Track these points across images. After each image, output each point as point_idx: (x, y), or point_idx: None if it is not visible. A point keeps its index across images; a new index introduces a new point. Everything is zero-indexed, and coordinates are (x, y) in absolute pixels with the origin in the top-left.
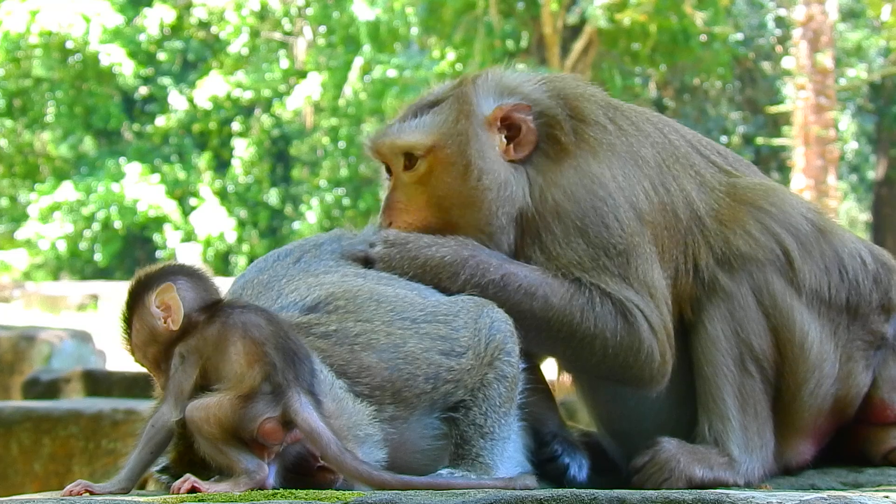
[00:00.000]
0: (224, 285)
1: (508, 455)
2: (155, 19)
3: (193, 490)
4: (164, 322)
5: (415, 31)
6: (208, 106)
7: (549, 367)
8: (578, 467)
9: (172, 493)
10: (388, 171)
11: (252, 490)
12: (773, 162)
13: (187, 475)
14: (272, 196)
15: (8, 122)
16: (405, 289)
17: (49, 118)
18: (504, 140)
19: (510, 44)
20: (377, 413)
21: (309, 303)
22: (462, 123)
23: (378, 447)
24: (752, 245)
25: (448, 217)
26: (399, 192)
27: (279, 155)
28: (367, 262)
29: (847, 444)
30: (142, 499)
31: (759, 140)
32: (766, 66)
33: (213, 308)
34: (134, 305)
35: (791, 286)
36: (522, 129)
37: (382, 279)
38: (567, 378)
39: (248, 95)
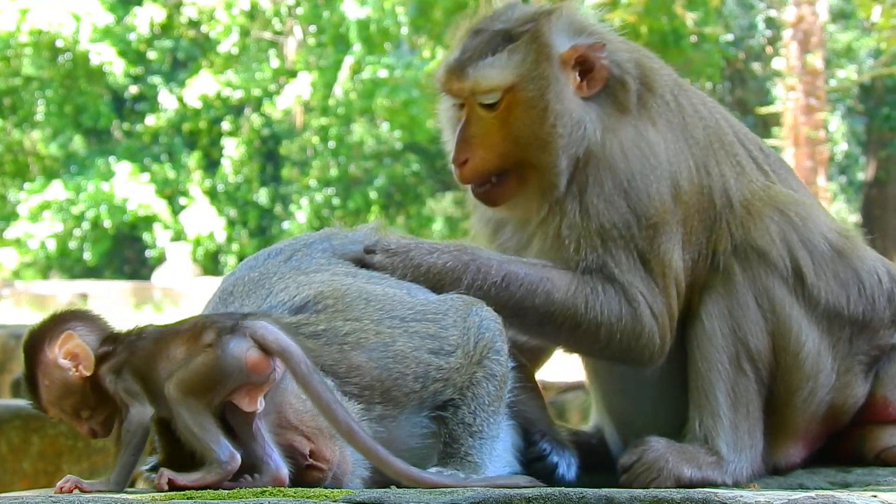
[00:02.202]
0: (213, 285)
1: (497, 454)
2: (145, 18)
3: (170, 483)
4: (76, 370)
5: (405, 30)
6: (198, 105)
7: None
8: (567, 466)
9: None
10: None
11: (228, 480)
12: None
13: (162, 469)
14: (262, 195)
15: None
16: (394, 287)
17: (39, 117)
18: (578, 78)
19: None
20: (366, 412)
21: (298, 302)
22: (542, 67)
23: None
24: (767, 244)
25: (523, 156)
26: (474, 127)
27: (269, 154)
28: (361, 264)
29: (839, 443)
30: (131, 496)
31: None
32: (756, 66)
33: (116, 339)
34: (37, 365)
35: (793, 296)
36: (596, 67)
37: (373, 278)
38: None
39: (237, 95)
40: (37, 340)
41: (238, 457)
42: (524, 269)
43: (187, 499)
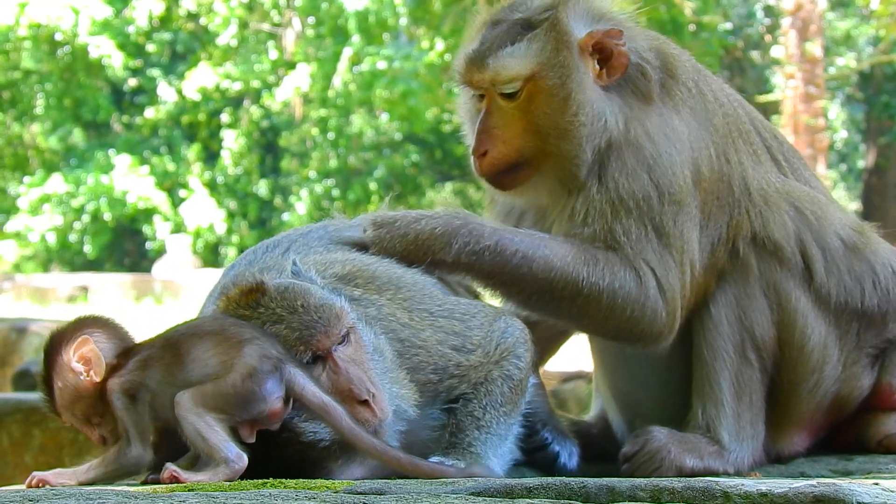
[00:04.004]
0: (213, 277)
1: (502, 453)
2: (143, 11)
3: (174, 479)
4: (87, 375)
5: (403, 21)
6: (197, 97)
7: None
8: (568, 455)
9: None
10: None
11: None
12: None
13: (167, 464)
14: (261, 187)
15: None
16: (421, 277)
17: (38, 110)
18: (597, 66)
19: None
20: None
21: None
22: (563, 54)
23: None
24: (783, 238)
25: (543, 146)
26: (495, 118)
27: (268, 146)
28: (362, 248)
29: (841, 431)
30: (131, 489)
31: None
32: (755, 55)
33: (132, 351)
34: (52, 367)
35: (801, 290)
36: (615, 54)
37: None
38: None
39: (237, 87)
40: (55, 342)
41: (245, 457)
42: (520, 235)
43: (189, 490)
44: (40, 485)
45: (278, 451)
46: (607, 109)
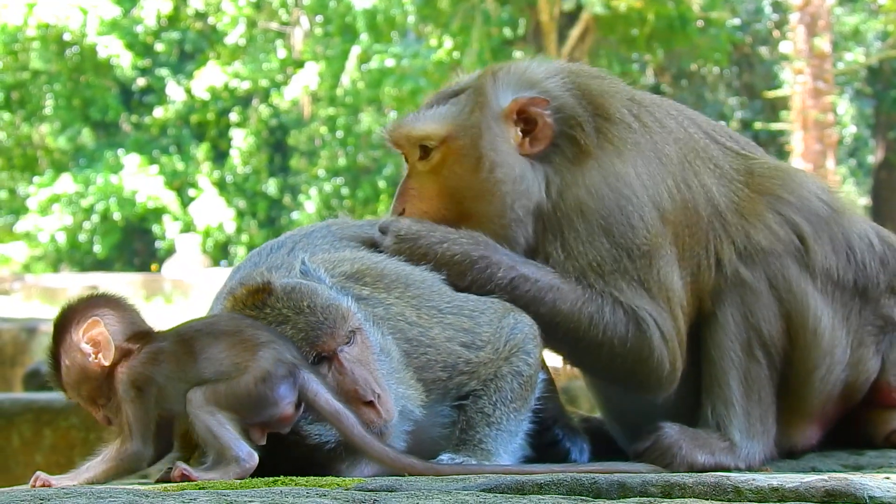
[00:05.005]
0: (223, 276)
1: (513, 449)
2: (152, 10)
3: (184, 478)
4: (95, 358)
5: (412, 19)
6: (206, 97)
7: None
8: (579, 452)
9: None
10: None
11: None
12: (772, 147)
13: (177, 462)
14: (271, 186)
15: (6, 115)
16: (428, 273)
17: (47, 110)
18: (520, 134)
19: (507, 31)
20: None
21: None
22: (476, 115)
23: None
24: (772, 240)
25: (461, 208)
26: (413, 181)
27: (277, 145)
28: (372, 245)
29: (850, 427)
30: (142, 487)
31: (758, 125)
32: (763, 50)
33: (145, 336)
34: (61, 343)
35: (806, 271)
36: (539, 124)
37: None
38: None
39: (245, 86)
40: (65, 320)
41: (256, 456)
42: (536, 274)
43: (199, 489)
44: (44, 485)
45: (286, 451)
46: (529, 175)
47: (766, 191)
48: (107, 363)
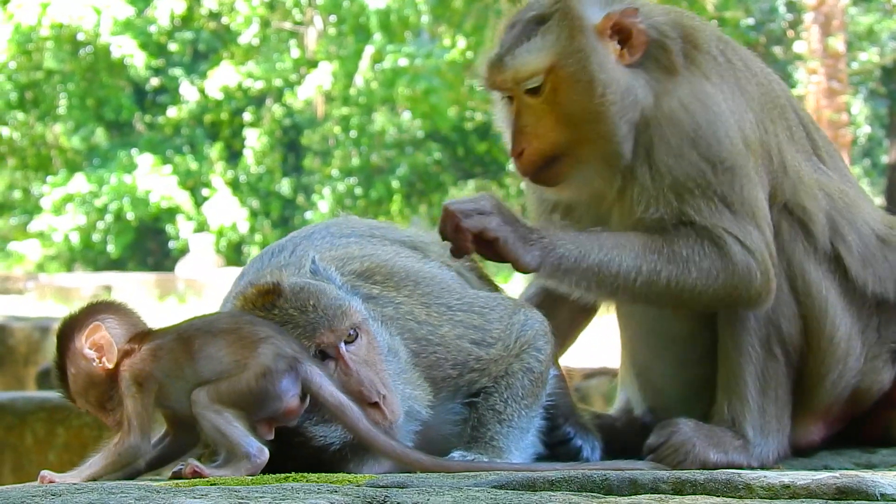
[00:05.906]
0: (236, 276)
1: (524, 446)
2: (165, 10)
3: (196, 474)
4: (100, 362)
5: (425, 19)
6: (219, 96)
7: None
8: (591, 449)
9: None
10: (507, 97)
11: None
12: None
13: (189, 459)
14: (284, 186)
15: (20, 115)
16: (439, 269)
17: (61, 110)
18: (618, 46)
19: None
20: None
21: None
22: (577, 39)
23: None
24: (813, 211)
25: (578, 133)
26: (526, 117)
27: (290, 145)
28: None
29: (863, 426)
30: (154, 483)
31: None
32: (777, 50)
33: (145, 336)
34: (65, 353)
35: (830, 280)
36: (633, 32)
37: (409, 256)
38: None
39: (259, 86)
40: (68, 329)
41: (266, 451)
42: (597, 246)
43: (210, 485)
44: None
45: (292, 453)
46: (635, 84)
47: (825, 188)
48: (110, 366)
